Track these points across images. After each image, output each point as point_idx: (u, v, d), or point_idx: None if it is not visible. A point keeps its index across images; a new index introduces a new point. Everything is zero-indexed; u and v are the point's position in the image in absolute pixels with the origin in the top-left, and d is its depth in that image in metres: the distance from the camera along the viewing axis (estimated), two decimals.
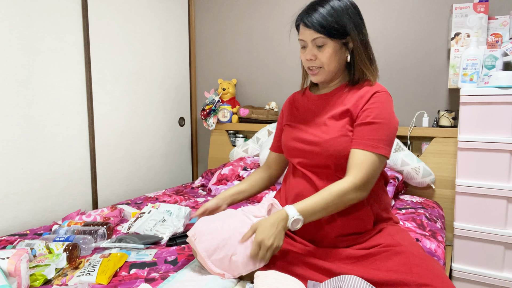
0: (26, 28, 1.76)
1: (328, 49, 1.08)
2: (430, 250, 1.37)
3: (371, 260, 0.95)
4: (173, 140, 2.76)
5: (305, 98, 1.25)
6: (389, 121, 1.06)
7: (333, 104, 1.15)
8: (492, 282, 1.63)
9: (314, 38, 1.08)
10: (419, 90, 2.17)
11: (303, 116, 1.21)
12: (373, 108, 1.06)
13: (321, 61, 1.10)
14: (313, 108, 1.20)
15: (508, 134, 1.56)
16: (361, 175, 1.02)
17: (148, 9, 2.47)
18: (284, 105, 1.34)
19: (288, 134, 1.22)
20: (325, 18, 1.06)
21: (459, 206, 1.69)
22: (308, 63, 1.13)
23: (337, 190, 1.01)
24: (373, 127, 1.05)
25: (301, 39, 1.12)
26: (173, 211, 1.65)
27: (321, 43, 1.08)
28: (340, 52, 1.11)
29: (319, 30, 1.06)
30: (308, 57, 1.12)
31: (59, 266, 1.17)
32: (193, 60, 2.90)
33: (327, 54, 1.09)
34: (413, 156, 2.02)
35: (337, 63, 1.11)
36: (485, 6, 1.83)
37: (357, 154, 1.04)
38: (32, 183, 1.82)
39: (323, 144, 1.09)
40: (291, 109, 1.28)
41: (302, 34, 1.11)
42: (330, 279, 0.91)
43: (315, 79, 1.15)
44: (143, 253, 1.30)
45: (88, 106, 2.08)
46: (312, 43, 1.09)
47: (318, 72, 1.13)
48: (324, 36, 1.07)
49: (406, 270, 0.88)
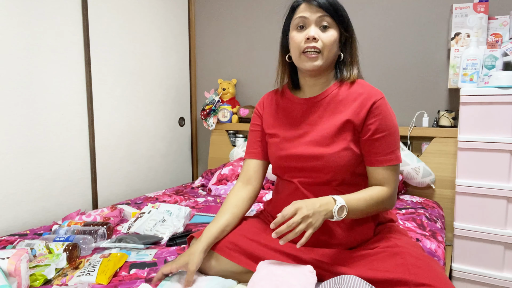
0: (26, 28, 1.76)
1: (333, 32, 1.00)
2: (430, 250, 1.37)
3: (369, 261, 0.94)
4: (173, 140, 2.76)
5: (287, 101, 1.13)
6: (395, 128, 1.04)
7: (327, 111, 1.06)
8: (492, 282, 1.63)
9: (321, 15, 0.99)
10: (419, 90, 2.17)
11: (291, 124, 1.10)
12: (379, 120, 1.01)
13: (323, 43, 0.99)
14: (301, 114, 1.09)
15: (508, 134, 1.56)
16: (393, 188, 1.03)
17: (148, 9, 2.47)
18: (259, 107, 1.21)
19: (279, 149, 1.10)
20: (334, 1, 1.00)
21: (459, 206, 1.69)
22: (307, 43, 1.00)
23: (377, 195, 1.00)
24: (386, 140, 1.02)
25: (303, 16, 1.01)
26: (173, 211, 1.65)
27: (326, 23, 0.99)
28: (337, 44, 1.03)
29: (329, 9, 0.98)
30: (311, 35, 0.99)
31: (59, 266, 1.17)
32: (193, 60, 2.90)
33: (331, 38, 1.00)
34: (413, 156, 2.02)
35: (334, 53, 1.03)
36: (485, 6, 1.83)
37: (383, 173, 1.03)
38: (32, 183, 1.82)
39: (326, 159, 1.02)
40: (272, 113, 1.16)
41: (305, 11, 1.01)
42: (330, 280, 0.91)
43: (310, 65, 1.01)
44: (143, 253, 1.30)
45: (88, 106, 2.08)
46: (316, 21, 1.00)
47: (316, 57, 1.00)
48: (331, 17, 0.99)
49: (404, 271, 0.87)
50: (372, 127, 1.01)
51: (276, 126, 1.14)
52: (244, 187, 1.17)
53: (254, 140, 1.20)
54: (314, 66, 1.01)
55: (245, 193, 1.15)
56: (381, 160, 1.02)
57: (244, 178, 1.18)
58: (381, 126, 1.01)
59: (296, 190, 1.08)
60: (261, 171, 1.19)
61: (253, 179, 1.17)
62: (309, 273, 0.93)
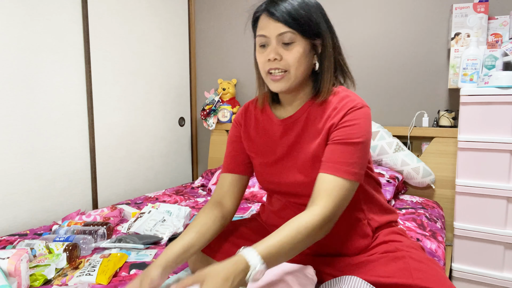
0: (26, 28, 1.76)
1: (298, 48, 0.88)
2: (431, 250, 1.37)
3: (371, 267, 0.93)
4: (173, 140, 2.76)
5: (266, 120, 1.04)
6: (365, 141, 0.90)
7: (304, 132, 0.97)
8: (492, 282, 1.63)
9: (282, 32, 0.87)
10: (419, 90, 2.17)
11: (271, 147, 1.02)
12: (348, 126, 0.89)
13: (287, 63, 0.89)
14: (280, 136, 1.00)
15: (508, 134, 1.56)
16: (332, 205, 0.85)
17: (148, 9, 2.47)
18: (239, 119, 1.10)
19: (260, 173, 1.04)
20: (297, 10, 0.87)
21: (459, 206, 1.69)
22: (269, 64, 0.91)
23: (305, 226, 0.82)
24: (348, 148, 0.89)
25: (263, 34, 0.90)
26: (173, 211, 1.65)
27: (289, 40, 0.88)
28: (309, 56, 0.92)
29: (289, 23, 0.86)
30: (271, 56, 0.89)
31: (59, 266, 1.17)
32: (193, 60, 2.90)
33: (296, 54, 0.88)
34: (413, 156, 2.02)
35: (305, 68, 0.92)
36: (485, 6, 1.83)
37: (327, 180, 0.88)
38: (32, 183, 1.82)
39: (307, 186, 0.94)
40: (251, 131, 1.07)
41: (265, 28, 0.90)
42: (330, 280, 0.91)
43: (277, 87, 0.92)
44: (143, 253, 1.30)
45: (88, 106, 2.08)
46: (277, 39, 0.89)
47: (282, 77, 0.91)
48: (294, 31, 0.87)
49: (407, 275, 0.86)
50: (339, 132, 0.90)
51: (255, 147, 1.05)
52: (215, 208, 1.03)
53: (233, 153, 1.09)
54: (280, 88, 0.92)
55: (214, 214, 1.01)
56: (328, 166, 0.89)
57: (216, 198, 1.06)
58: (350, 133, 0.89)
59: (286, 207, 1.04)
60: (238, 188, 1.07)
61: (226, 198, 1.05)
62: (309, 273, 0.93)
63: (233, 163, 1.08)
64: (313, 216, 0.84)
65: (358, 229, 1.01)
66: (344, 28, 2.33)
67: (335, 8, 2.34)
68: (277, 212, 1.08)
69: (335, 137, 0.90)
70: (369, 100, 2.30)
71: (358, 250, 1.01)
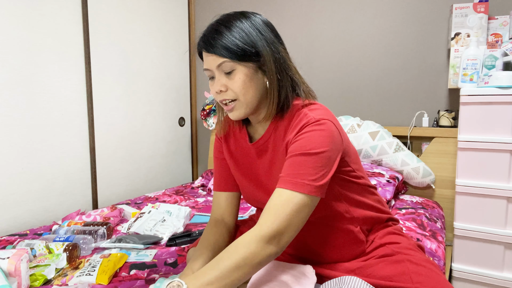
0: (26, 28, 1.76)
1: (239, 75, 0.87)
2: (431, 250, 1.37)
3: (369, 271, 0.92)
4: (173, 140, 2.76)
5: (243, 140, 1.03)
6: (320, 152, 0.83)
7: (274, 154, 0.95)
8: (492, 282, 1.63)
9: (219, 63, 0.87)
10: (419, 90, 2.17)
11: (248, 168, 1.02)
12: (300, 140, 0.85)
13: (234, 92, 0.89)
14: (254, 159, 1.00)
15: (508, 134, 1.56)
16: (271, 224, 0.79)
17: (148, 9, 2.47)
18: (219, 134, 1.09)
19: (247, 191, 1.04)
20: (228, 39, 0.86)
21: (459, 206, 1.69)
22: (219, 96, 0.91)
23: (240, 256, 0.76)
24: (297, 159, 0.83)
25: (206, 68, 0.91)
26: (173, 211, 1.65)
27: (229, 69, 0.87)
28: (256, 77, 0.89)
29: (222, 54, 0.86)
30: (217, 89, 0.89)
31: (59, 266, 1.17)
32: (193, 60, 2.90)
33: (239, 82, 0.87)
34: (413, 156, 2.02)
35: (255, 91, 0.89)
36: (485, 6, 1.83)
37: (275, 195, 0.83)
38: (32, 183, 1.82)
39: None
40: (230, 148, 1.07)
41: (206, 62, 0.91)
42: (330, 280, 0.91)
43: (234, 116, 0.92)
44: (143, 253, 1.30)
45: (88, 106, 2.08)
46: (218, 70, 0.89)
47: (234, 105, 0.90)
48: (229, 60, 0.86)
49: (406, 279, 0.86)
50: (290, 148, 0.87)
51: (237, 165, 1.05)
52: (219, 225, 1.05)
53: (220, 170, 1.09)
54: (237, 116, 0.92)
55: (221, 231, 1.04)
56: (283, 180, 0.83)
57: (217, 214, 1.08)
58: (301, 145, 0.85)
59: None
60: (233, 204, 1.08)
61: (226, 215, 1.08)
62: (309, 273, 0.93)
63: (223, 181, 1.09)
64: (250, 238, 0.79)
65: (351, 238, 0.98)
66: (344, 28, 2.33)
67: (335, 8, 2.34)
68: None
69: (289, 152, 0.87)
70: (369, 100, 2.30)
71: (353, 256, 1.00)
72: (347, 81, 2.36)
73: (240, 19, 0.89)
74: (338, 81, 2.39)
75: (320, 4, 2.39)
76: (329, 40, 2.39)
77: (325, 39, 2.40)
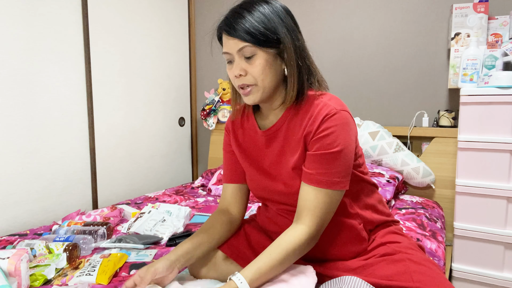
0: (26, 28, 1.76)
1: (260, 60, 0.89)
2: (431, 250, 1.37)
3: (370, 271, 0.92)
4: (173, 140, 2.76)
5: (251, 129, 1.05)
6: (344, 148, 0.88)
7: (285, 143, 0.97)
8: (492, 282, 1.63)
9: (240, 48, 0.88)
10: (419, 90, 2.17)
11: (257, 157, 1.04)
12: (325, 136, 0.88)
13: (253, 77, 0.90)
14: (264, 147, 1.02)
15: (508, 134, 1.56)
16: (316, 222, 0.89)
17: (148, 9, 2.47)
18: (228, 125, 1.13)
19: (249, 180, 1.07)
20: (251, 23, 0.87)
21: (459, 206, 1.69)
22: (238, 81, 0.92)
23: (293, 246, 0.87)
24: (327, 158, 0.88)
25: (226, 51, 0.92)
26: (173, 211, 1.65)
27: (249, 54, 0.89)
28: (275, 64, 0.91)
29: (244, 38, 0.87)
30: (236, 73, 0.91)
31: (59, 266, 1.17)
32: (193, 60, 2.90)
33: (259, 67, 0.89)
34: (413, 156, 2.02)
35: (273, 77, 0.91)
36: (485, 6, 1.83)
37: (309, 193, 0.89)
38: (32, 183, 1.82)
39: (292, 196, 0.96)
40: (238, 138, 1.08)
41: (226, 46, 0.92)
42: (330, 280, 0.91)
43: (250, 100, 0.93)
44: (143, 253, 1.30)
45: (88, 106, 2.08)
46: (238, 54, 0.90)
47: (251, 90, 0.92)
48: (251, 44, 0.88)
49: (407, 278, 0.86)
50: (317, 142, 0.89)
51: (244, 155, 1.06)
52: (222, 214, 1.10)
53: (229, 162, 1.11)
54: (253, 101, 0.94)
55: (221, 218, 1.08)
56: (310, 178, 0.89)
57: (223, 205, 1.12)
58: (328, 141, 0.88)
59: (279, 214, 1.05)
60: (240, 196, 1.11)
61: (231, 206, 1.11)
62: (310, 273, 0.93)
63: (231, 173, 1.11)
64: (300, 236, 0.88)
65: (353, 234, 1.00)
66: (344, 27, 2.33)
67: (335, 8, 2.34)
68: (271, 218, 1.08)
69: (314, 148, 0.90)
70: (369, 100, 2.30)
71: (355, 254, 1.00)
72: (346, 80, 2.36)
73: (261, 5, 0.90)
74: (337, 81, 2.39)
75: (320, 4, 2.39)
76: (328, 40, 2.39)
77: (325, 39, 2.40)
